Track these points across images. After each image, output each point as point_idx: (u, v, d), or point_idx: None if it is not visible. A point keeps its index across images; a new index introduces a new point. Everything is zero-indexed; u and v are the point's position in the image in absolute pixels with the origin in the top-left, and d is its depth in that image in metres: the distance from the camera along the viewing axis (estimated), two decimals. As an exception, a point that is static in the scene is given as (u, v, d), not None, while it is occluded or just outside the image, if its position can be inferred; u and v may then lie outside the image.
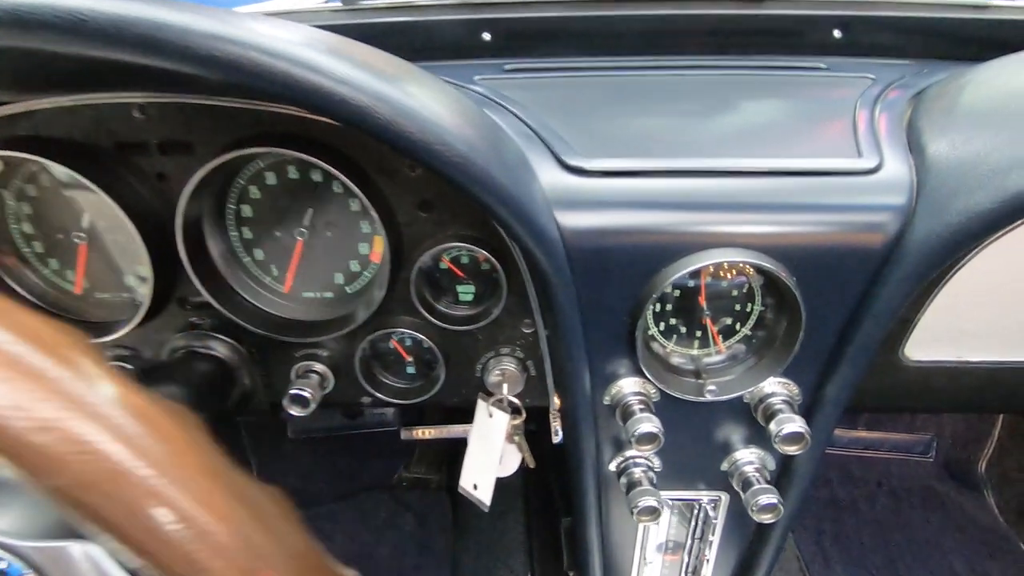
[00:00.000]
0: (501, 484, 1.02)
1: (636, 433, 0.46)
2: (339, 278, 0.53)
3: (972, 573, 0.98)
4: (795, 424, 0.45)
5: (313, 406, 0.52)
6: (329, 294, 0.54)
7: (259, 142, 0.44)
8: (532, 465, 0.56)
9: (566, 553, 0.75)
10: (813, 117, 0.51)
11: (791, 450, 0.46)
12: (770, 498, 0.49)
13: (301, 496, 1.13)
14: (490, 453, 0.53)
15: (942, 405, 0.54)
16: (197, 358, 0.52)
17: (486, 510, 0.55)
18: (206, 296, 0.50)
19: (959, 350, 0.52)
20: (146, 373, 0.48)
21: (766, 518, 0.49)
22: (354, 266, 0.53)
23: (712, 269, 0.48)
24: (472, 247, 0.49)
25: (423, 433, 0.65)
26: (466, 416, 0.60)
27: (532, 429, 0.95)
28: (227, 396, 0.53)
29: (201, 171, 0.44)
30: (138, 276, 0.53)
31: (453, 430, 0.62)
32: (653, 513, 0.49)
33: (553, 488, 0.90)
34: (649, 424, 0.46)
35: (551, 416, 0.57)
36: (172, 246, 0.47)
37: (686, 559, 0.60)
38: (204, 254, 0.50)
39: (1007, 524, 1.05)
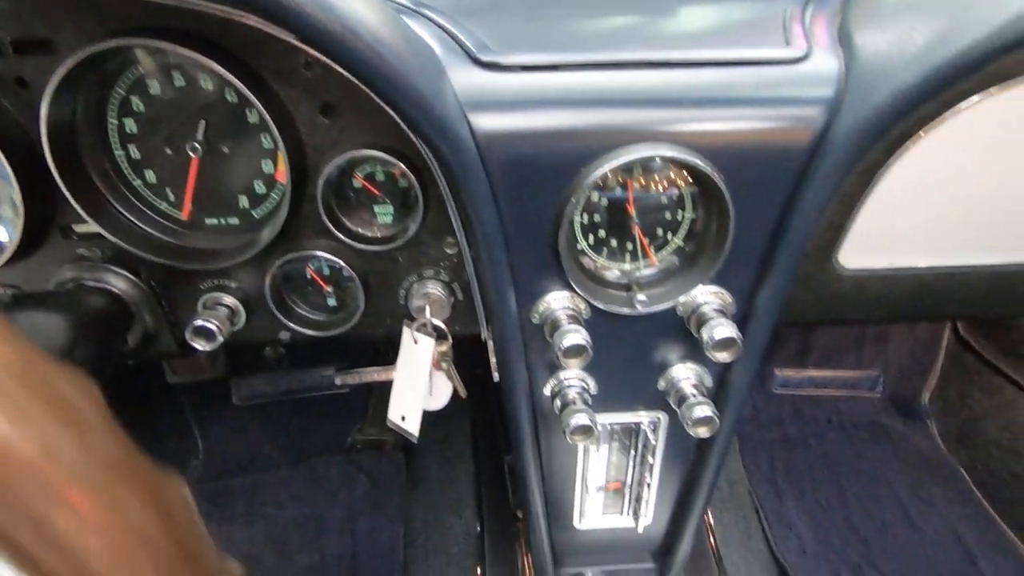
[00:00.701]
0: (450, 431, 1.01)
1: (563, 346, 0.43)
2: (244, 201, 0.49)
3: (916, 499, 1.01)
4: (727, 329, 0.44)
5: (221, 339, 0.48)
6: (235, 220, 0.50)
7: (128, 35, 0.39)
8: (464, 395, 0.53)
9: (511, 491, 0.73)
10: (743, 11, 0.49)
11: (724, 356, 0.44)
12: (705, 410, 0.47)
13: (251, 463, 1.09)
14: (417, 381, 0.50)
15: (877, 314, 0.53)
16: (87, 292, 0.47)
17: (415, 441, 0.52)
18: (92, 224, 0.45)
19: (891, 256, 0.51)
20: (17, 301, 0.43)
21: (702, 431, 0.47)
22: (259, 187, 0.48)
23: (643, 180, 0.46)
24: (386, 157, 0.45)
25: (359, 377, 0.62)
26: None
27: (479, 374, 0.93)
28: (124, 335, 0.49)
29: (62, 68, 0.39)
30: (12, 202, 0.47)
31: (391, 371, 0.59)
32: (587, 432, 0.47)
33: (498, 428, 0.88)
34: (576, 335, 0.43)
35: (488, 350, 0.54)
36: (44, 165, 0.42)
37: (628, 488, 0.58)
38: (82, 174, 0.45)
39: (948, 452, 1.08)
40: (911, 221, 0.50)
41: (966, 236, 0.51)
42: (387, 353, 0.59)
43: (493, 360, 0.53)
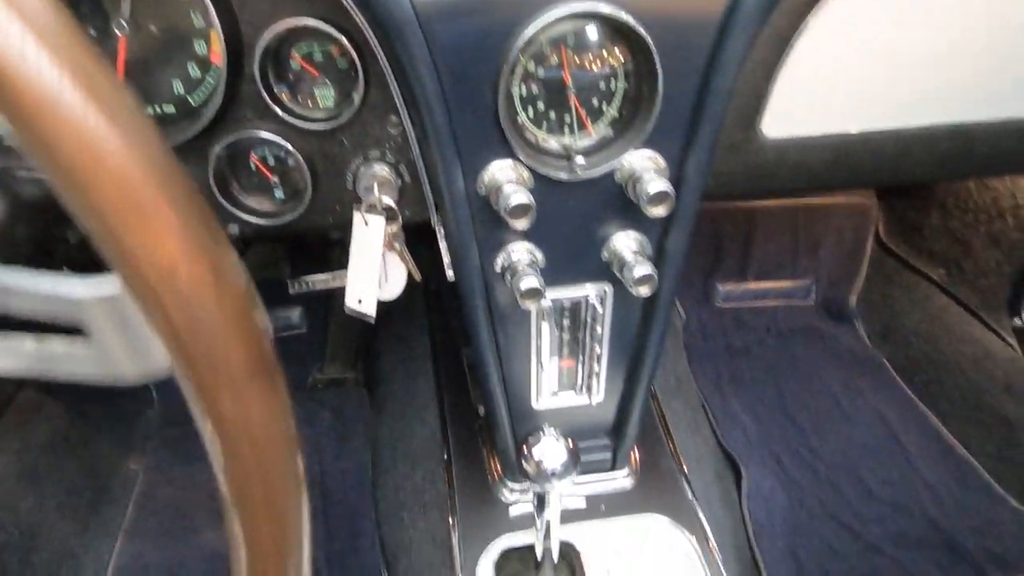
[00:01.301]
0: (411, 351, 1.02)
1: (509, 206, 0.45)
2: (178, 86, 0.48)
3: (846, 390, 1.10)
4: (660, 183, 0.47)
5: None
6: (170, 108, 0.49)
7: None
8: (418, 278, 0.55)
9: (471, 387, 0.76)
10: None
11: (659, 210, 0.47)
12: (646, 268, 0.50)
13: None
14: (371, 263, 0.52)
15: (800, 183, 0.57)
16: (21, 181, 0.46)
17: (372, 322, 0.54)
18: None
19: (809, 124, 0.55)
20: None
21: (643, 290, 0.51)
22: (193, 70, 0.48)
23: (577, 58, 0.47)
24: (325, 28, 0.45)
25: (312, 284, 0.63)
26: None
27: (434, 288, 0.94)
28: (64, 229, 0.48)
29: None
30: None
31: (344, 275, 0.59)
32: (536, 295, 0.49)
33: (454, 326, 0.90)
34: (521, 195, 0.45)
35: (439, 237, 0.56)
36: None
37: (581, 365, 0.62)
38: None
39: (874, 347, 1.17)
40: (827, 88, 0.54)
41: (881, 101, 0.56)
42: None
43: (444, 247, 0.55)
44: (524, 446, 0.49)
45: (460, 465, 0.71)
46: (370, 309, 0.53)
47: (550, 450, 0.48)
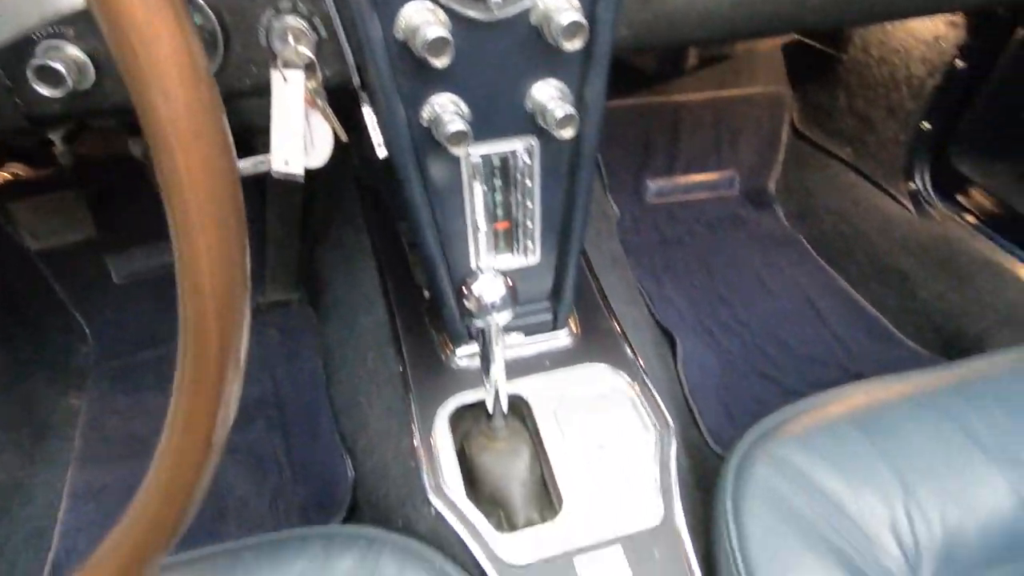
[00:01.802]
0: (351, 254, 1.02)
1: (427, 41, 0.46)
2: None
3: (768, 268, 1.18)
4: (573, 14, 0.48)
5: (70, 85, 0.46)
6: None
7: None
8: (344, 138, 0.55)
9: (413, 267, 0.78)
10: None
11: (574, 43, 0.49)
12: (567, 110, 0.52)
13: (151, 339, 1.05)
14: (294, 121, 0.51)
15: (709, 30, 0.60)
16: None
17: (301, 181, 0.54)
18: None
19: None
20: None
21: (566, 132, 0.53)
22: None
23: None
24: None
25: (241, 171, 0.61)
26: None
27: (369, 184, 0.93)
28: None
29: None
30: None
31: (267, 158, 0.58)
32: (463, 137, 0.51)
33: (390, 208, 0.91)
34: (438, 29, 0.46)
35: (361, 101, 0.56)
36: None
37: (516, 226, 0.64)
38: None
39: (792, 227, 1.26)
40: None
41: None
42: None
43: (367, 109, 0.55)
44: (463, 287, 0.51)
45: (410, 344, 0.73)
46: (298, 168, 0.53)
47: (488, 285, 0.51)
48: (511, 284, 0.52)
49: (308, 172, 0.79)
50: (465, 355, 0.70)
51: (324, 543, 0.48)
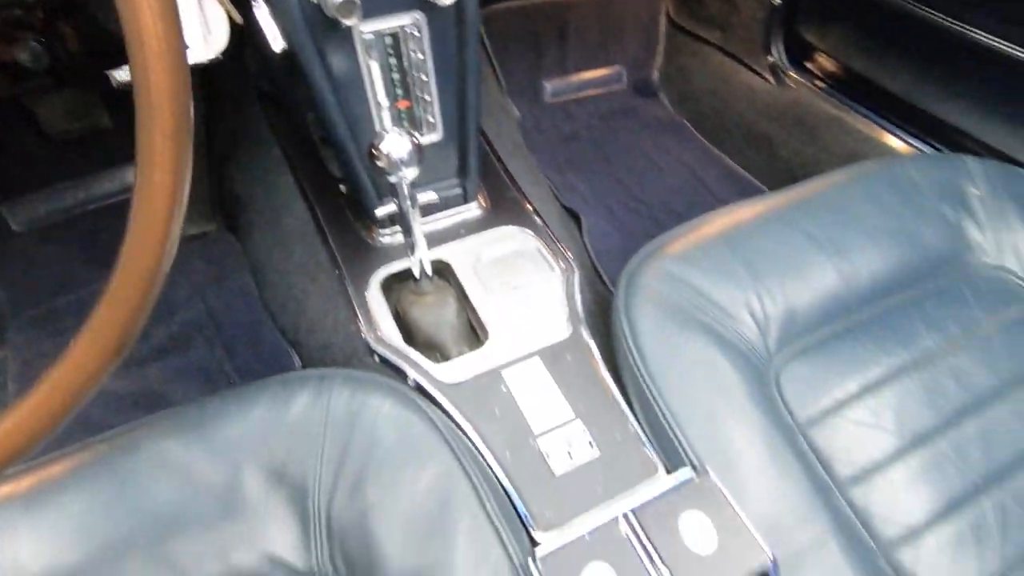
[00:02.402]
0: (264, 170, 1.04)
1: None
2: None
3: (658, 150, 1.30)
4: None
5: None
6: None
7: None
8: (239, 19, 0.58)
9: (327, 163, 0.82)
10: None
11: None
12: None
13: (65, 285, 1.04)
14: (188, 9, 0.54)
15: None
16: None
17: (201, 66, 0.57)
18: None
19: None
20: None
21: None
22: None
23: None
24: None
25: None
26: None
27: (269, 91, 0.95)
28: None
29: None
30: None
31: None
32: (352, 8, 0.55)
33: (291, 102, 0.94)
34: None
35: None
36: None
37: (416, 103, 0.70)
38: None
39: (675, 111, 1.38)
40: None
41: None
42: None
43: (259, 4, 0.58)
44: (371, 148, 0.57)
45: (334, 233, 0.78)
46: (200, 57, 0.56)
47: (395, 142, 0.57)
48: (416, 141, 0.58)
49: (206, 94, 0.79)
50: (387, 235, 0.77)
51: (281, 385, 0.54)
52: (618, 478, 0.55)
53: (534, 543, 0.51)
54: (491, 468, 0.55)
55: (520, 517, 0.53)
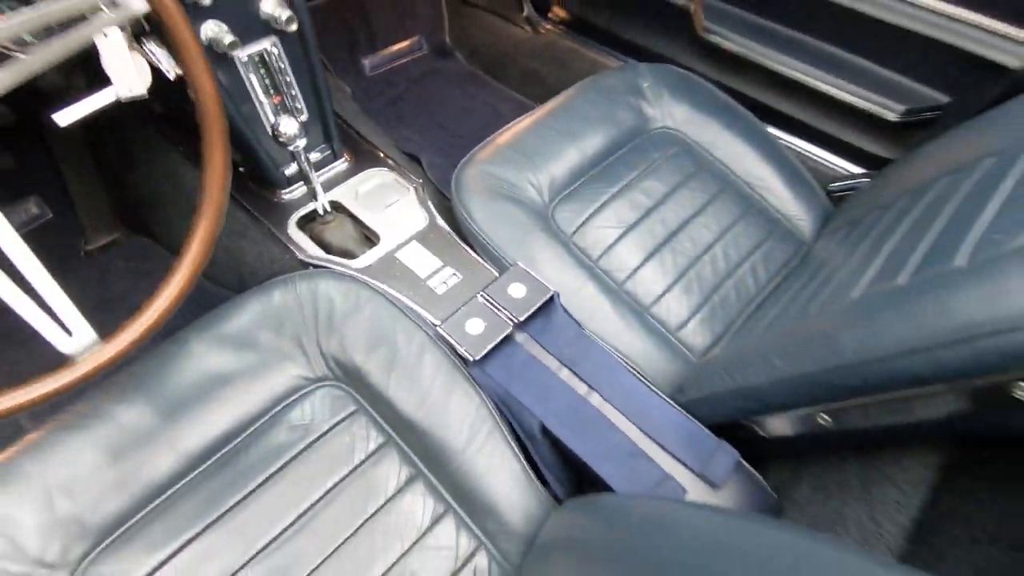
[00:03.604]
0: (165, 172, 1.28)
1: (194, -8, 0.79)
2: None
3: (466, 97, 1.69)
4: (271, -43, 0.85)
5: None
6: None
7: None
8: (166, 66, 0.86)
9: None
10: None
11: (278, -26, 0.86)
12: (287, 12, 0.90)
13: None
14: (124, 62, 0.81)
15: None
16: None
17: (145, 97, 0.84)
18: None
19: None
20: None
21: (291, 27, 0.91)
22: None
23: None
24: None
25: (81, 109, 0.87)
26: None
27: (162, 112, 1.19)
28: None
29: None
30: None
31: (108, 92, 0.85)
32: (236, 45, 0.86)
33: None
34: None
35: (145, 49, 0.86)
36: None
37: (285, 95, 1.01)
38: None
39: (469, 64, 1.78)
40: None
41: None
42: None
43: (153, 47, 0.86)
44: (274, 130, 0.89)
45: (248, 200, 1.08)
46: (140, 91, 0.83)
47: (288, 124, 0.89)
48: (300, 121, 0.92)
49: (86, 124, 1.04)
50: (287, 193, 1.09)
51: (261, 289, 0.87)
52: (474, 285, 0.96)
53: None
54: (403, 302, 0.93)
55: (427, 320, 0.92)
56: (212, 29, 0.86)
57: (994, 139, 0.77)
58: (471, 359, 0.84)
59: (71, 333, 0.60)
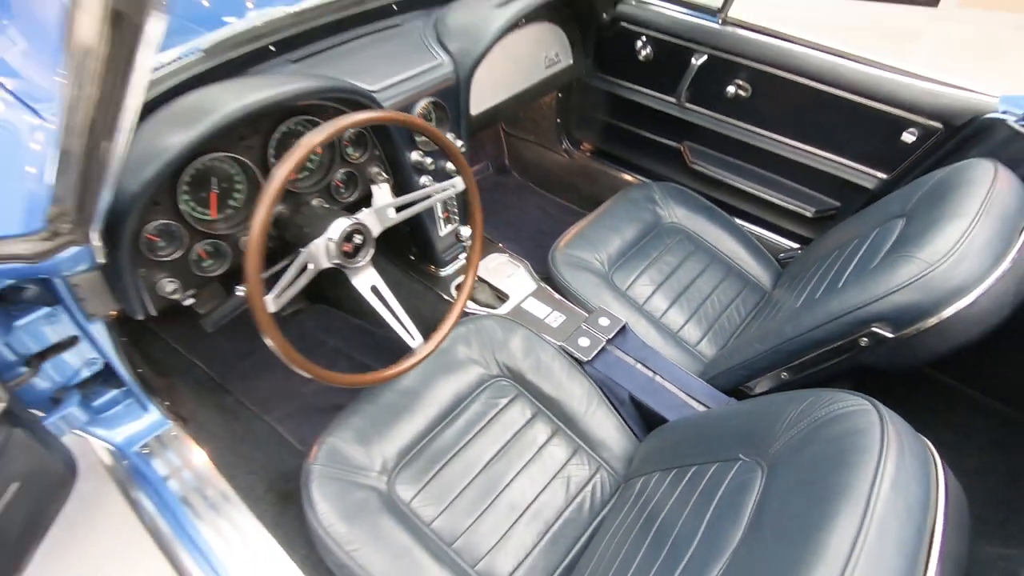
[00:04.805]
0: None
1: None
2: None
3: (519, 201, 2.38)
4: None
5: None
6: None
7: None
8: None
9: (407, 251, 1.74)
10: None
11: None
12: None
13: (246, 356, 1.77)
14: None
15: None
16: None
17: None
18: None
19: None
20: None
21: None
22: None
23: None
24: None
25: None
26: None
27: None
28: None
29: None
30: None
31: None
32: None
33: None
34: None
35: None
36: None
37: (450, 220, 1.67)
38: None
39: (522, 180, 2.49)
40: None
41: None
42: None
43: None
44: (456, 233, 1.52)
45: (418, 275, 1.70)
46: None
47: (449, 228, 1.54)
48: (455, 226, 1.56)
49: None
50: (443, 270, 1.72)
51: (461, 325, 1.48)
52: (574, 320, 1.57)
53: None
54: (536, 330, 1.54)
55: (552, 341, 1.52)
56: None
57: (862, 227, 1.45)
58: (584, 360, 1.45)
59: (413, 337, 1.20)
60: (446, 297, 1.65)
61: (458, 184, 1.23)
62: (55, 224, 0.90)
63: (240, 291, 0.98)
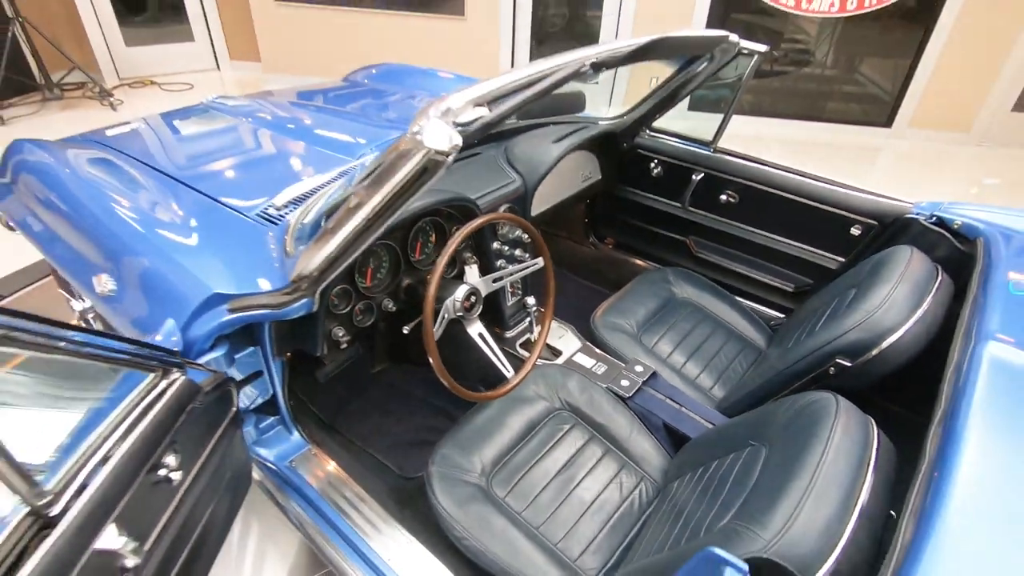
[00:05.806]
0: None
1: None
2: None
3: (564, 283, 2.91)
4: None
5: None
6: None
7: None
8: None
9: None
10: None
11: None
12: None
13: (355, 397, 2.20)
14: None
15: None
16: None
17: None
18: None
19: None
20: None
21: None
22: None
23: None
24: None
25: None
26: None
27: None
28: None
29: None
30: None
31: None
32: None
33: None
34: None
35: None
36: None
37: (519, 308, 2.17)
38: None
39: (559, 268, 3.03)
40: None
41: None
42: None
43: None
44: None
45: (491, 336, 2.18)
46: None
47: (516, 300, 2.03)
48: (519, 298, 2.06)
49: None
50: (509, 333, 2.20)
51: (536, 371, 1.94)
52: (615, 368, 2.03)
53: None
54: (586, 376, 1.99)
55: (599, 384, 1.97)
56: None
57: (827, 297, 1.95)
58: (626, 396, 1.89)
59: (508, 369, 1.66)
60: (512, 353, 2.11)
61: (539, 263, 1.75)
62: (296, 283, 1.40)
63: (405, 330, 1.47)
